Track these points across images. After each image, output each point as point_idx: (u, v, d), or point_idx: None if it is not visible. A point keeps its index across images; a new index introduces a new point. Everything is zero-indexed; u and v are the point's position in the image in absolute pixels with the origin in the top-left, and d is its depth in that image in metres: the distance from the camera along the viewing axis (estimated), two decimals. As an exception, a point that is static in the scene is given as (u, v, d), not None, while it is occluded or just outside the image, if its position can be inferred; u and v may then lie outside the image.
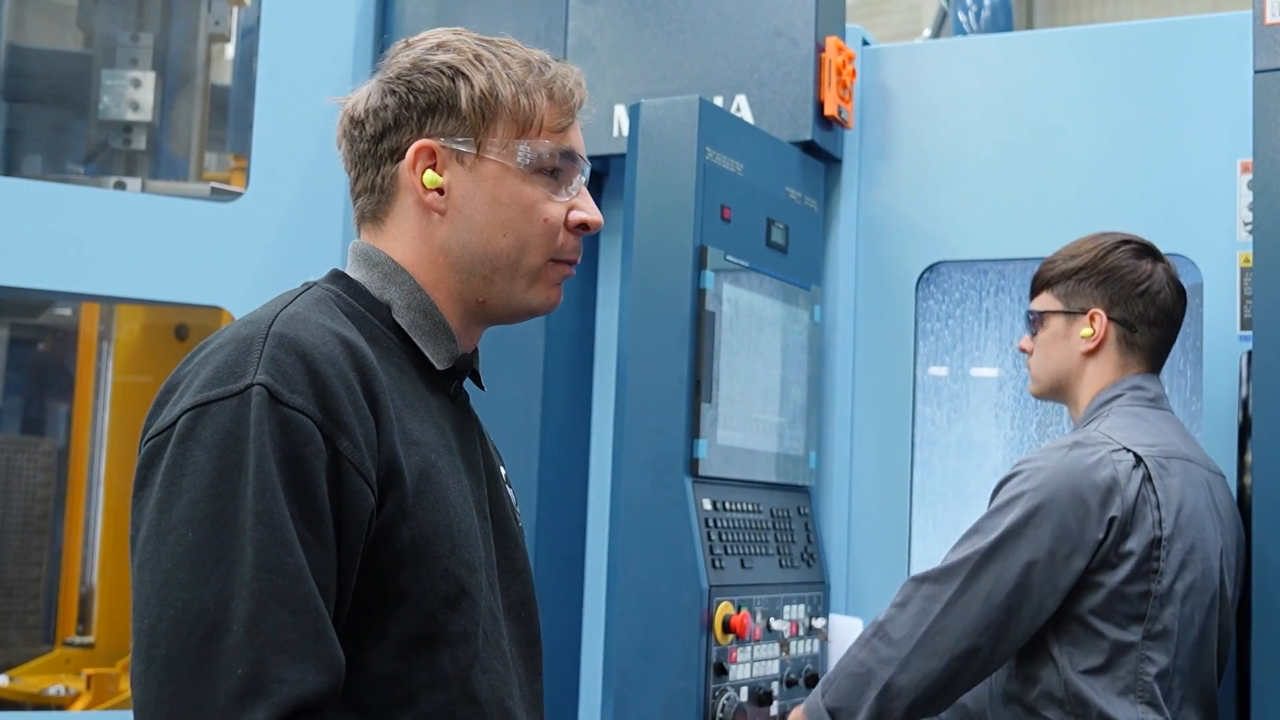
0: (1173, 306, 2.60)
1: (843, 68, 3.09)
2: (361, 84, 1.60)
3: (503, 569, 1.57)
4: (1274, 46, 2.50)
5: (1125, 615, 2.34)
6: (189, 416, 1.32)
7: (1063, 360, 2.62)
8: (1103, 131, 3.04)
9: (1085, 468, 2.36)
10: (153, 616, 1.26)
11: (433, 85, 1.54)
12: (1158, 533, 2.34)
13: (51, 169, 4.25)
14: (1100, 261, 2.59)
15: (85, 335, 4.76)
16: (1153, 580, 2.34)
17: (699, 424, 2.73)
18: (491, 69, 1.54)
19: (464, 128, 1.53)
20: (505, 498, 1.64)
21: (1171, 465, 2.42)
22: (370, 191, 1.58)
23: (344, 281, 1.56)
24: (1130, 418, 2.49)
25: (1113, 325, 2.58)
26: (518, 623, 1.58)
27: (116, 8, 3.94)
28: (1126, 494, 2.34)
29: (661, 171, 2.79)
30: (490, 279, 1.56)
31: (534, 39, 3.29)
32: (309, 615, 1.27)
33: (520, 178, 1.55)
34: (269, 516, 1.27)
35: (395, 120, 1.55)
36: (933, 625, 2.37)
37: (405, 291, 1.54)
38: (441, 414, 1.53)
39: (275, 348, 1.35)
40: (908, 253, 3.19)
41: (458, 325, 1.58)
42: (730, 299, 2.85)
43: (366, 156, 1.57)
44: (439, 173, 1.54)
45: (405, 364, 1.52)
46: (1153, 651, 2.34)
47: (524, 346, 3.21)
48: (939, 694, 2.39)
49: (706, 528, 2.71)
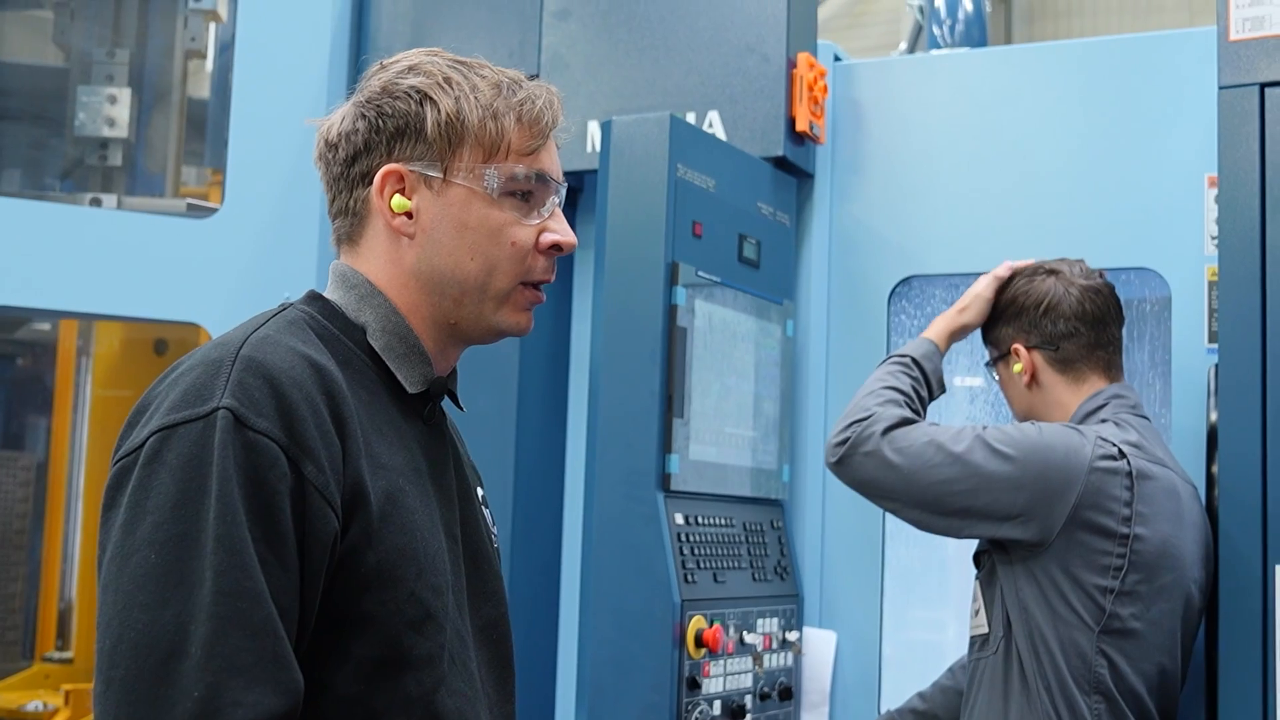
0: (1084, 310, 2.62)
1: (814, 83, 3.10)
2: (338, 106, 1.61)
3: (474, 591, 1.58)
4: (1238, 63, 2.53)
5: (1080, 606, 2.38)
6: (156, 439, 1.33)
7: (1019, 398, 2.71)
8: (1072, 146, 3.07)
9: (1076, 443, 2.43)
10: (114, 637, 1.27)
11: (400, 109, 1.54)
12: (1123, 529, 2.37)
13: (30, 185, 4.25)
14: (1002, 299, 2.70)
15: (64, 350, 4.75)
16: (1112, 576, 2.37)
17: (671, 439, 2.75)
18: (460, 93, 1.55)
19: (430, 152, 1.54)
20: (479, 520, 1.64)
21: (1153, 469, 2.45)
22: (345, 214, 1.59)
23: (320, 303, 1.57)
24: (1121, 423, 2.53)
25: (1035, 353, 2.64)
26: (489, 644, 1.59)
27: (93, 24, 3.94)
28: (1097, 480, 2.37)
29: (633, 188, 2.81)
30: (460, 301, 1.56)
31: (508, 55, 3.33)
32: (267, 639, 1.28)
33: (487, 202, 1.55)
34: (229, 540, 1.28)
35: (365, 144, 1.55)
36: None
37: (380, 314, 1.55)
38: (413, 437, 1.54)
39: (242, 371, 1.36)
40: (880, 267, 3.21)
41: (433, 347, 1.59)
42: (703, 314, 2.87)
43: (340, 179, 1.58)
44: (407, 197, 1.54)
45: (377, 387, 1.52)
46: (1107, 647, 2.37)
47: (499, 362, 3.22)
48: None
49: (679, 542, 2.73)
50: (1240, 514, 2.42)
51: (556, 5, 3.33)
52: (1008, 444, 2.44)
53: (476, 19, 3.41)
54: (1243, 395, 2.44)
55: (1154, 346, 3.06)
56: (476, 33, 3.39)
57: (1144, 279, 3.03)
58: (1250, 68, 2.51)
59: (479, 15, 3.42)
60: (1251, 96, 2.51)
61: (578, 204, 3.40)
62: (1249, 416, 2.43)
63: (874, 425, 2.51)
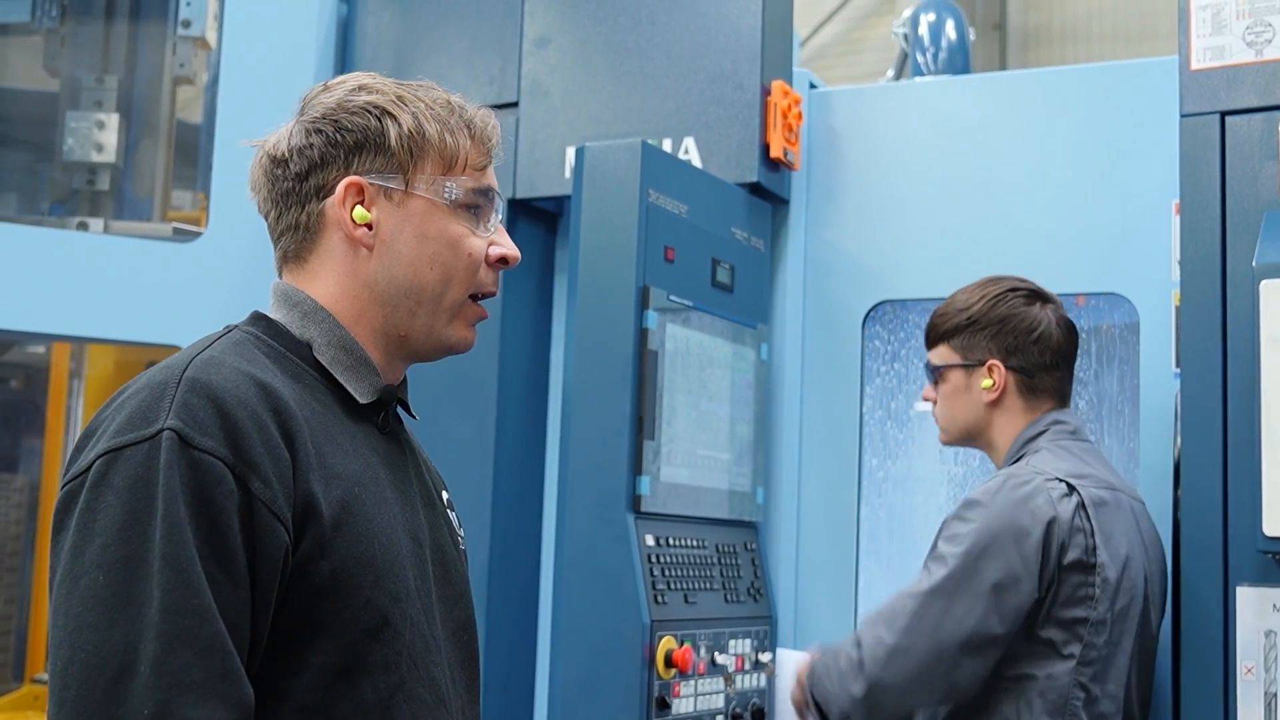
0: (1065, 347, 2.66)
1: (788, 111, 3.14)
2: (278, 126, 1.65)
3: (443, 594, 1.61)
4: (1200, 92, 2.57)
5: (1059, 641, 2.39)
6: (102, 462, 1.37)
7: (968, 411, 2.67)
8: (1042, 172, 3.10)
9: (1020, 498, 2.41)
10: (64, 659, 1.30)
11: (359, 124, 1.59)
12: (1091, 559, 2.40)
13: (21, 210, 4.29)
14: (991, 312, 2.64)
15: (56, 372, 4.79)
16: (1089, 607, 2.39)
17: (641, 461, 2.78)
18: (415, 109, 1.60)
19: (392, 164, 1.59)
20: (444, 524, 1.68)
21: (1102, 494, 2.47)
22: (294, 230, 1.62)
23: (264, 323, 1.60)
24: (1058, 451, 2.54)
25: (1011, 374, 2.63)
26: (459, 646, 1.62)
27: (82, 51, 3.99)
28: (1061, 522, 2.39)
29: (605, 213, 2.85)
30: (414, 312, 1.61)
31: (489, 82, 3.37)
32: (215, 655, 1.31)
33: (446, 213, 1.60)
34: (175, 559, 1.31)
35: (322, 158, 1.59)
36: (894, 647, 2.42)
37: (325, 329, 1.59)
38: (369, 446, 1.57)
39: (187, 392, 1.39)
40: (854, 292, 3.24)
41: (380, 359, 1.62)
42: (676, 337, 2.90)
43: (290, 195, 1.61)
44: (367, 208, 1.59)
45: (329, 399, 1.56)
46: (1083, 678, 2.39)
47: (477, 384, 3.26)
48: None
49: (649, 563, 2.75)
50: (1202, 536, 2.45)
51: (536, 33, 3.38)
52: (958, 557, 2.40)
53: (458, 46, 3.46)
54: (1204, 420, 2.48)
55: (1123, 371, 3.09)
56: (457, 59, 3.44)
57: (1113, 304, 3.06)
58: (1211, 97, 2.55)
59: (460, 42, 3.46)
60: (1212, 125, 2.55)
61: (557, 229, 3.44)
62: (1210, 441, 2.46)
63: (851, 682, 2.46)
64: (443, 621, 1.59)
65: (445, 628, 1.59)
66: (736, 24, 3.17)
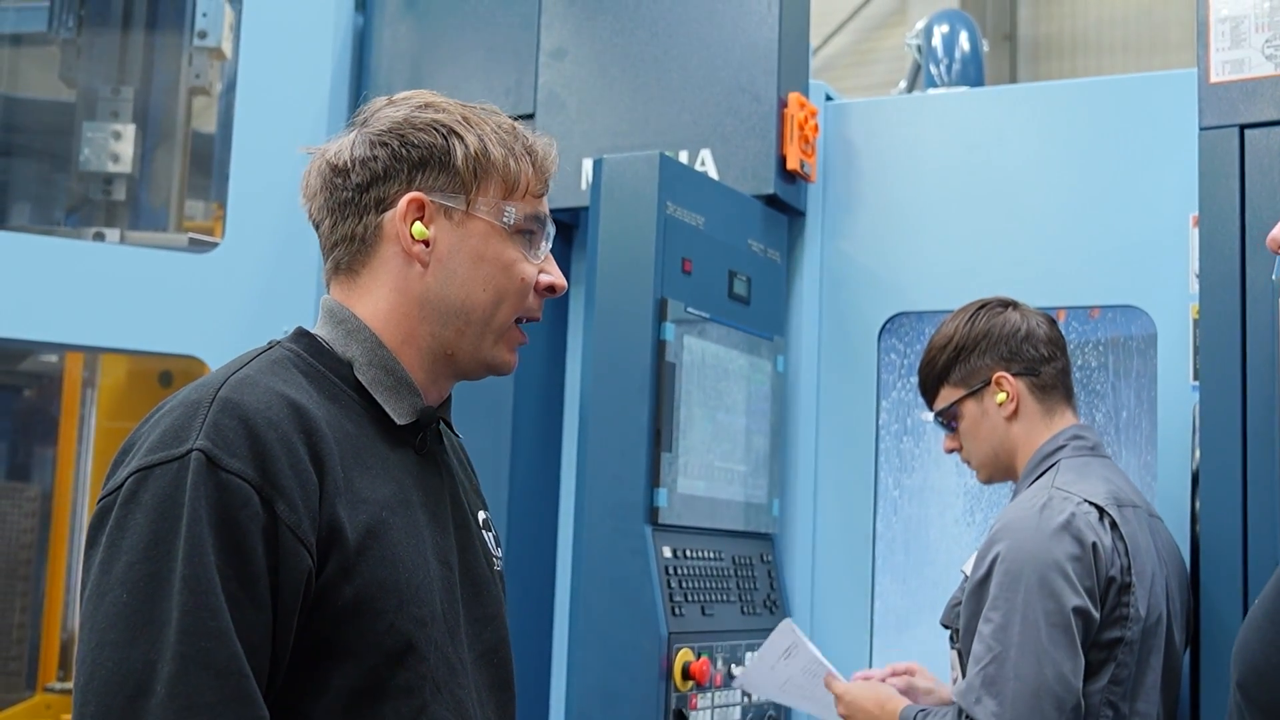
0: (1054, 334, 2.64)
1: (804, 123, 3.15)
2: (339, 135, 1.64)
3: (473, 616, 1.60)
4: (1218, 104, 2.57)
5: (1096, 662, 2.36)
6: (134, 480, 1.38)
7: (993, 437, 2.62)
8: (1059, 184, 3.10)
9: (1058, 527, 2.36)
10: (86, 675, 1.32)
11: (426, 141, 1.59)
12: (1127, 579, 2.37)
13: (39, 220, 4.31)
14: (973, 331, 2.62)
15: (70, 382, 4.80)
16: (1125, 627, 2.36)
17: (659, 473, 2.78)
18: (481, 131, 1.61)
19: (456, 184, 1.59)
20: (478, 546, 1.67)
21: (1125, 513, 2.45)
22: (349, 241, 1.61)
23: (306, 340, 1.60)
24: (1079, 469, 2.51)
25: (1019, 380, 2.60)
26: (489, 668, 1.62)
27: (98, 62, 4.00)
28: (1103, 545, 2.36)
29: (623, 225, 2.85)
30: (463, 331, 1.61)
31: (505, 93, 3.38)
32: (231, 678, 1.32)
33: (503, 237, 1.61)
34: (195, 581, 1.32)
35: (385, 171, 1.59)
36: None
37: (367, 348, 1.59)
38: (403, 468, 1.57)
39: (219, 412, 1.40)
40: (870, 303, 3.24)
41: (424, 378, 1.62)
42: (693, 349, 2.90)
43: (349, 205, 1.61)
44: (426, 225, 1.59)
45: (365, 420, 1.56)
46: (1114, 696, 2.37)
47: (494, 397, 3.25)
48: None
49: (666, 575, 2.75)
50: (1221, 550, 2.44)
51: (552, 45, 3.38)
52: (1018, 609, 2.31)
53: (474, 57, 3.47)
54: (1223, 433, 2.47)
55: (1140, 384, 3.09)
56: (474, 71, 3.44)
57: (1130, 317, 3.05)
58: (1230, 110, 2.55)
59: (476, 54, 3.47)
60: (1231, 138, 2.55)
61: (572, 240, 3.44)
62: (1230, 454, 2.45)
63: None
64: (470, 644, 1.58)
65: (473, 650, 1.59)
66: (753, 36, 3.17)
